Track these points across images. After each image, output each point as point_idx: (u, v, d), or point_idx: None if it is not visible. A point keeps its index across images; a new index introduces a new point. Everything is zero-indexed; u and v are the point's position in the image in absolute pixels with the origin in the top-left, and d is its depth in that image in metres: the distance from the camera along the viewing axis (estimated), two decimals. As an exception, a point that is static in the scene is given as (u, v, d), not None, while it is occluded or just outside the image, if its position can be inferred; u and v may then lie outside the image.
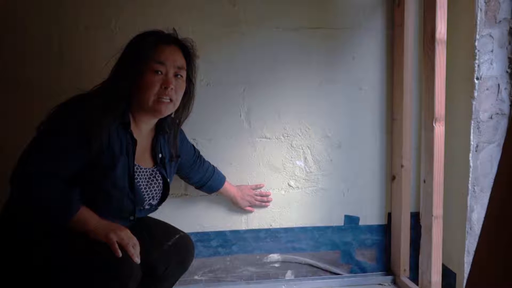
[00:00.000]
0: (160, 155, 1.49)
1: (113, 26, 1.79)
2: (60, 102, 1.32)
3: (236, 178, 1.92)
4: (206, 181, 1.79)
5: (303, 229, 2.00)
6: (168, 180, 1.51)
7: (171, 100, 1.39)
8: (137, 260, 1.25)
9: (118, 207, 1.35)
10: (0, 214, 1.35)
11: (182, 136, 1.67)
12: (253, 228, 1.97)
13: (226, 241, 1.94)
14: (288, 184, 1.97)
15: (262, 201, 1.94)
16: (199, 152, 1.80)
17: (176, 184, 1.84)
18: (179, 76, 1.41)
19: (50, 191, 1.23)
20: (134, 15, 1.79)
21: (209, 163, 1.82)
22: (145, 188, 1.42)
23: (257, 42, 1.88)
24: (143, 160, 1.44)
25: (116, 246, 1.22)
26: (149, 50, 1.35)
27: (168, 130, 1.52)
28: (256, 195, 1.93)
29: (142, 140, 1.43)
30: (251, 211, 1.94)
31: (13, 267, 1.27)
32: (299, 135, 1.95)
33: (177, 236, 1.52)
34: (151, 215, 1.55)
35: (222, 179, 1.84)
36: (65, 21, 1.77)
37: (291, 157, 1.96)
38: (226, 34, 1.86)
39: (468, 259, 1.81)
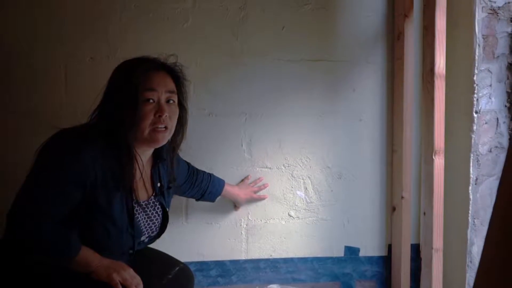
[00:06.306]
0: (159, 184, 1.46)
1: (118, 56, 1.82)
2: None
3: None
4: (204, 191, 1.74)
5: (303, 260, 1.99)
6: (167, 209, 1.49)
7: (166, 127, 1.34)
8: None
9: (117, 243, 1.33)
10: None
11: (178, 157, 1.60)
12: (253, 258, 1.96)
13: (225, 271, 1.92)
14: (288, 214, 1.97)
15: (259, 190, 1.92)
16: (193, 167, 1.74)
17: (176, 213, 1.84)
18: (171, 101, 1.36)
19: (50, 235, 1.21)
20: (139, 46, 1.81)
21: (204, 172, 1.77)
22: (144, 223, 1.41)
23: (259, 73, 1.91)
24: (141, 192, 1.41)
25: (120, 287, 1.22)
26: (140, 78, 1.30)
27: (166, 157, 1.47)
28: (255, 191, 1.91)
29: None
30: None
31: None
32: (300, 166, 1.96)
33: (177, 269, 1.51)
34: (151, 245, 1.54)
35: (221, 184, 1.79)
36: (71, 51, 1.79)
37: (292, 187, 1.97)
38: (228, 65, 1.89)
39: (469, 293, 1.80)
